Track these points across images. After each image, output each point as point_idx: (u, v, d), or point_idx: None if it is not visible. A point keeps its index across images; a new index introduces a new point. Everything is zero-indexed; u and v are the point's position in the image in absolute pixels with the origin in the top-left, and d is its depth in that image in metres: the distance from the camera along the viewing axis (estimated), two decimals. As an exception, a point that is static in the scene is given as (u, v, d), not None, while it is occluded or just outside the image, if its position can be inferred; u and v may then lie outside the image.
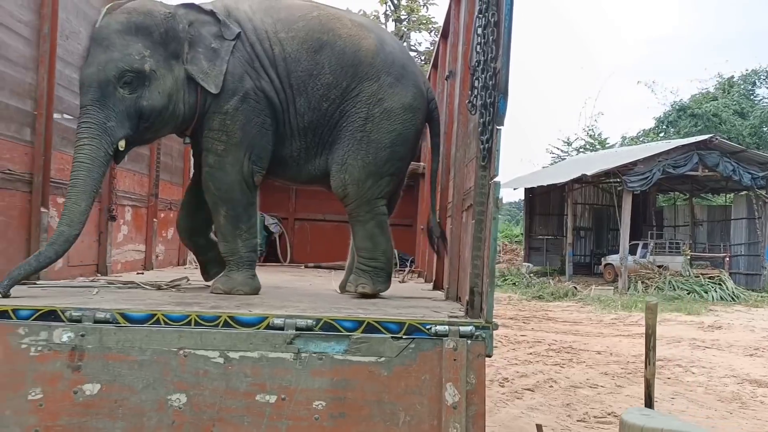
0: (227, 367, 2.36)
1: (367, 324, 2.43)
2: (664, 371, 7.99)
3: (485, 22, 2.57)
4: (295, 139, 3.47)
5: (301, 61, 3.38)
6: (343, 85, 3.40)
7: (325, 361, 2.37)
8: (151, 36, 3.15)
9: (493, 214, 2.46)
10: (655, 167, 17.36)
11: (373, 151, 3.43)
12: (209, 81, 3.25)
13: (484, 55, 2.56)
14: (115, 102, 3.06)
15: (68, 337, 2.37)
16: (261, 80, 3.35)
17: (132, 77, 3.08)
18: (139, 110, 3.13)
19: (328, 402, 2.34)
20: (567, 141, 30.59)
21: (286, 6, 3.52)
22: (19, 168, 3.34)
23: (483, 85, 2.54)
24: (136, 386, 2.34)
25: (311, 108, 3.42)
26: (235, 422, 2.32)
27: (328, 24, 3.44)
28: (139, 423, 2.32)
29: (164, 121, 3.27)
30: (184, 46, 3.24)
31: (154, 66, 3.14)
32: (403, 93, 3.47)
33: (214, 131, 3.33)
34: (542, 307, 14.58)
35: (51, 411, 2.32)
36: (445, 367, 2.35)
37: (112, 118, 3.04)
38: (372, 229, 3.50)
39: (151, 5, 3.25)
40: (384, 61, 3.47)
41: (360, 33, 3.47)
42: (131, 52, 3.09)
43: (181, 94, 3.24)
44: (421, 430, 2.31)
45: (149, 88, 3.14)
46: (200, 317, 2.45)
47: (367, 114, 3.41)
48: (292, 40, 3.40)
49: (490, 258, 2.46)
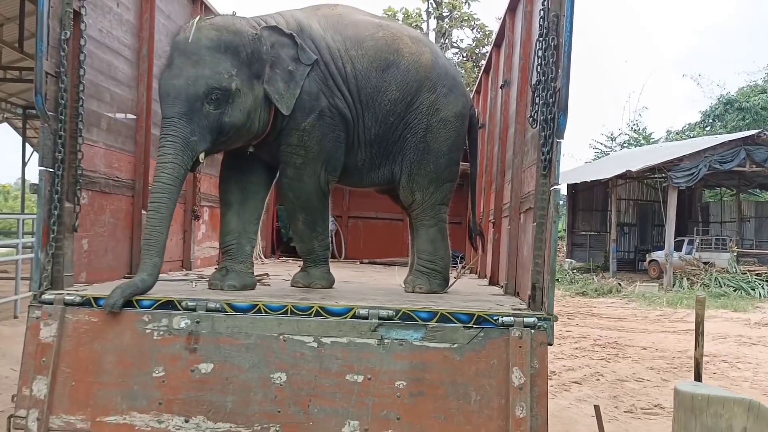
0: (320, 351, 2.73)
1: (441, 315, 2.77)
2: (710, 366, 8.12)
3: (546, 45, 2.87)
4: (361, 150, 3.70)
5: (370, 79, 3.61)
6: (408, 99, 3.66)
7: (405, 347, 2.71)
8: (238, 55, 3.27)
9: (553, 218, 2.77)
10: (701, 163, 17.23)
11: (434, 160, 3.71)
12: (283, 103, 3.39)
13: (544, 75, 2.86)
14: (201, 117, 3.15)
15: (185, 324, 2.77)
16: (335, 97, 3.55)
17: (219, 95, 3.18)
18: (221, 126, 3.24)
19: (408, 382, 2.68)
20: (610, 136, 30.35)
21: (352, 23, 3.73)
22: (125, 175, 3.77)
23: (544, 102, 2.84)
24: (244, 366, 2.72)
25: (378, 122, 3.66)
26: (329, 398, 2.68)
27: (393, 44, 3.68)
28: (246, 397, 2.70)
29: (240, 136, 3.40)
30: (266, 67, 3.37)
31: (239, 85, 3.25)
32: (455, 102, 3.77)
33: (293, 146, 3.53)
34: (586, 303, 14.67)
35: (172, 386, 2.71)
36: (512, 353, 2.66)
37: (196, 133, 3.14)
38: (434, 234, 3.80)
39: (240, 24, 3.38)
40: (439, 74, 3.74)
41: (419, 49, 3.73)
42: (221, 71, 3.19)
43: (258, 112, 3.37)
44: (491, 408, 2.64)
45: (232, 105, 3.24)
46: (295, 307, 2.82)
47: (427, 124, 3.68)
48: (362, 58, 3.62)
49: (551, 257, 2.77)
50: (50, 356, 2.73)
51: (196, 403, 2.70)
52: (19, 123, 19.60)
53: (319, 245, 3.77)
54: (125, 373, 2.73)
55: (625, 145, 29.21)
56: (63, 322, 2.78)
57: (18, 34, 13.28)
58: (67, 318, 2.79)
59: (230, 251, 3.58)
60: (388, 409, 2.65)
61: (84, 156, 3.14)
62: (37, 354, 2.74)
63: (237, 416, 2.68)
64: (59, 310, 2.79)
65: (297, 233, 3.81)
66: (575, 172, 24.17)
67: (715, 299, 14.59)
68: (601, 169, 21.43)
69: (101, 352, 2.76)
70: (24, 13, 12.59)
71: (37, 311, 2.81)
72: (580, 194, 23.48)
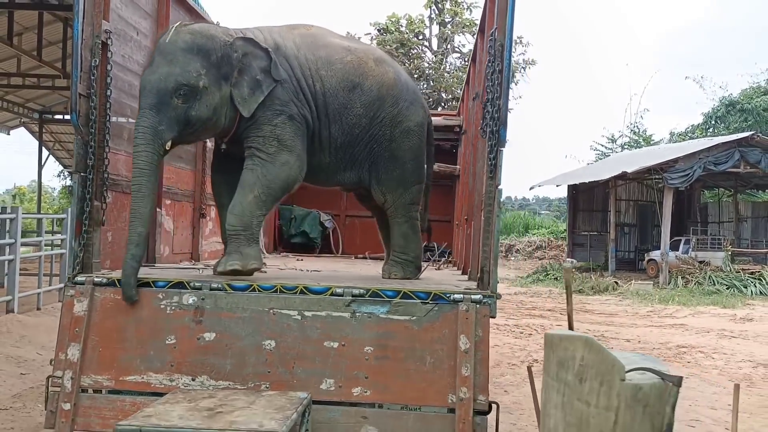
0: (303, 322, 3.31)
1: (403, 293, 3.34)
2: (686, 357, 8.62)
3: (492, 69, 3.43)
4: (326, 154, 4.09)
5: (338, 97, 4.04)
6: (371, 114, 4.09)
7: (373, 319, 3.29)
8: (209, 58, 3.65)
9: (497, 213, 3.35)
10: (695, 164, 17.69)
11: (400, 165, 4.19)
12: (245, 106, 3.74)
13: (491, 94, 3.43)
14: (169, 109, 3.53)
15: (193, 300, 3.36)
16: (303, 108, 3.93)
17: (187, 90, 3.55)
18: (188, 119, 3.61)
19: (375, 348, 3.26)
20: (611, 138, 30.78)
21: (324, 45, 4.13)
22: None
23: (491, 117, 3.41)
24: (240, 334, 3.31)
25: (344, 133, 4.08)
26: (309, 361, 3.26)
27: (360, 68, 4.10)
28: (242, 360, 3.28)
29: (207, 129, 3.79)
30: (234, 71, 3.73)
31: (207, 83, 3.61)
32: (416, 113, 4.26)
33: (265, 137, 3.80)
34: (581, 300, 15.12)
35: (182, 351, 3.31)
36: (460, 324, 3.24)
37: (163, 123, 3.52)
38: (406, 230, 4.29)
39: (214, 31, 3.80)
40: (401, 90, 4.21)
41: (382, 70, 4.18)
42: (190, 69, 3.57)
43: (225, 109, 3.72)
44: (442, 368, 3.21)
45: (199, 101, 3.61)
46: (284, 287, 3.40)
47: (391, 135, 4.14)
48: (331, 78, 4.02)
49: (495, 246, 3.34)
50: (82, 327, 3.32)
51: (201, 365, 3.29)
52: (35, 127, 20.27)
53: (257, 224, 3.86)
54: (143, 340, 3.33)
55: (626, 146, 29.62)
56: (92, 299, 3.37)
57: (36, 43, 13.92)
58: (95, 296, 3.39)
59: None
60: (358, 370, 3.24)
61: (109, 162, 3.73)
62: (71, 325, 3.33)
63: (234, 376, 3.26)
64: (89, 289, 3.39)
65: (241, 205, 3.76)
66: (576, 173, 24.64)
67: (706, 296, 15.04)
68: (601, 171, 21.88)
69: (123, 323, 3.36)
70: (42, 23, 13.24)
71: (71, 290, 3.41)
72: (581, 195, 23.91)
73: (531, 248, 29.85)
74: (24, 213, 8.82)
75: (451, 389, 3.17)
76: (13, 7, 11.39)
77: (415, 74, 21.21)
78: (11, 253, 8.26)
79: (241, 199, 3.75)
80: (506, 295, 15.53)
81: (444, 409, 3.18)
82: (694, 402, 6.18)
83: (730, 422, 2.84)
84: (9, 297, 7.95)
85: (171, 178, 4.76)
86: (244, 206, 3.73)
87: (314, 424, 3.13)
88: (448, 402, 3.17)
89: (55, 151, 22.41)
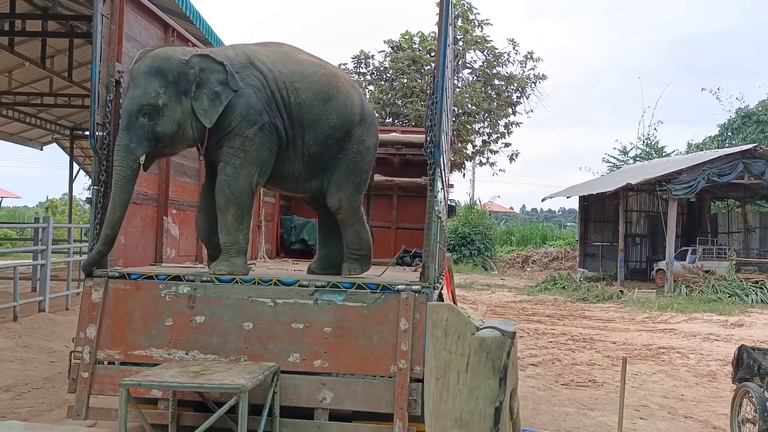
0: (276, 308, 4.06)
1: (357, 285, 4.08)
2: (664, 356, 9.18)
3: (432, 101, 4.17)
4: (298, 162, 4.48)
5: (314, 107, 4.41)
6: (345, 128, 4.52)
7: (332, 305, 4.03)
8: (166, 77, 4.11)
9: (433, 219, 4.07)
10: (699, 176, 18.13)
11: (358, 176, 4.65)
12: (205, 117, 4.16)
13: (430, 121, 4.17)
14: (137, 128, 4.07)
15: (187, 290, 4.13)
16: (275, 118, 4.31)
17: (149, 109, 4.06)
18: (156, 134, 4.11)
19: (333, 328, 3.99)
20: (623, 150, 31.19)
21: (297, 60, 4.52)
22: (151, 191, 5.16)
23: (429, 140, 4.15)
24: (225, 318, 4.07)
25: (318, 142, 4.45)
26: (280, 339, 4.00)
27: (333, 81, 4.52)
28: (226, 338, 4.04)
29: (176, 142, 4.25)
30: (192, 86, 4.15)
31: (166, 101, 4.09)
32: (374, 134, 4.79)
33: (235, 149, 4.24)
34: (583, 307, 15.66)
35: (177, 331, 4.07)
36: (401, 309, 3.96)
37: (134, 141, 4.06)
38: (359, 228, 4.73)
39: (171, 52, 4.25)
40: (365, 111, 4.70)
41: (351, 89, 4.63)
42: (149, 90, 4.06)
43: (189, 122, 4.18)
44: (386, 344, 3.93)
45: (163, 117, 4.10)
46: (261, 280, 4.16)
47: (357, 149, 4.60)
48: (306, 90, 4.40)
49: (432, 245, 4.07)
50: (98, 311, 4.11)
51: (193, 342, 4.05)
52: (66, 143, 21.39)
53: (243, 237, 4.36)
54: (147, 322, 4.10)
55: (637, 158, 30.00)
56: (107, 289, 4.16)
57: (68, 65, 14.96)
58: (109, 286, 4.17)
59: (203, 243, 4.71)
60: (318, 346, 3.97)
61: None
62: (89, 310, 4.12)
63: (219, 350, 4.02)
64: (104, 281, 4.18)
65: (225, 225, 4.30)
66: (586, 185, 25.14)
67: (706, 304, 15.45)
68: (611, 182, 22.38)
69: (131, 308, 4.14)
70: (73, 46, 14.27)
71: (90, 282, 4.20)
72: (592, 206, 24.36)
73: (547, 259, 30.24)
74: (54, 223, 9.74)
75: (392, 361, 3.89)
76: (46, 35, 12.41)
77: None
78: (43, 258, 9.18)
79: (222, 221, 4.32)
80: (511, 303, 16.16)
81: (387, 377, 3.90)
82: (650, 392, 6.80)
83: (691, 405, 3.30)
84: (41, 298, 8.89)
85: (177, 191, 5.55)
86: (227, 226, 4.31)
87: (282, 389, 3.87)
88: (390, 371, 3.88)
89: (85, 165, 23.53)
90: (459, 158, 22.47)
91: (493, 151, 23.50)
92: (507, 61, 23.17)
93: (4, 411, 5.11)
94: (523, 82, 22.96)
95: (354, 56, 22.62)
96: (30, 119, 17.20)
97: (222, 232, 4.36)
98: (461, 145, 22.04)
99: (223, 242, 4.37)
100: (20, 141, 20.03)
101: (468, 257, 27.34)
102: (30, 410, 5.19)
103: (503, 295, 18.20)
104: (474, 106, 21.78)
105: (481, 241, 28.00)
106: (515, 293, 18.75)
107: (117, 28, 4.48)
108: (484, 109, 22.07)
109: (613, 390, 6.66)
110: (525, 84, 23.07)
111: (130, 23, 4.68)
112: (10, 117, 16.67)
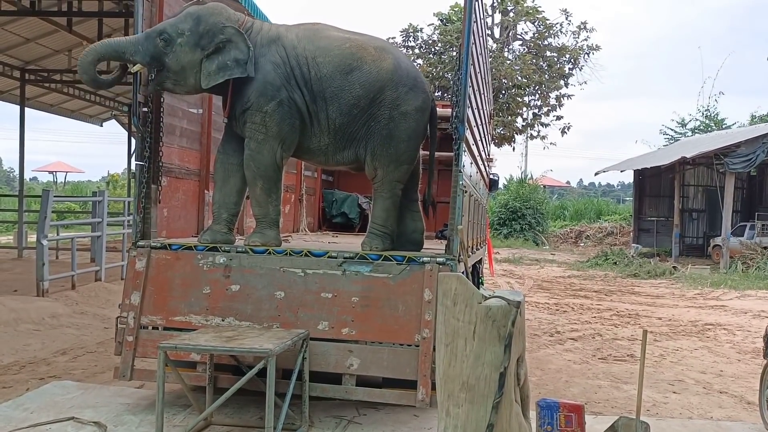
0: (306, 278, 4.24)
1: (384, 257, 4.22)
2: (709, 333, 9.04)
3: (456, 77, 4.24)
4: (324, 136, 4.53)
5: (334, 80, 4.44)
6: (371, 96, 4.44)
7: (359, 276, 4.18)
8: (198, 25, 4.41)
9: (458, 193, 4.16)
10: (758, 149, 17.46)
11: (395, 144, 4.49)
12: (206, 78, 4.42)
13: (455, 97, 4.23)
14: (152, 44, 4.39)
15: (223, 260, 4.35)
16: (294, 93, 4.44)
17: (166, 37, 4.38)
18: (161, 59, 4.40)
19: (360, 298, 4.15)
20: (681, 122, 30.20)
21: (325, 36, 4.58)
22: (193, 166, 5.40)
23: (455, 116, 4.22)
24: (258, 286, 4.27)
25: (342, 113, 4.46)
26: (309, 307, 4.19)
27: (357, 53, 4.49)
28: (259, 306, 4.25)
29: (178, 81, 4.48)
30: (211, 47, 4.41)
31: (183, 42, 4.39)
32: (415, 98, 4.53)
33: (257, 124, 4.42)
34: (633, 283, 15.40)
35: (214, 298, 4.31)
36: (425, 280, 4.08)
37: (141, 46, 4.38)
38: (389, 205, 4.61)
39: (219, 10, 4.50)
40: (400, 75, 4.51)
41: (381, 56, 4.52)
42: (179, 26, 4.40)
43: (194, 72, 4.43)
44: (410, 314, 4.07)
45: (174, 51, 4.39)
46: (292, 251, 4.35)
47: (390, 116, 4.47)
48: (328, 64, 4.46)
49: (457, 219, 4.16)
50: (141, 279, 4.37)
51: (228, 309, 4.28)
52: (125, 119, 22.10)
53: (273, 209, 4.55)
54: (186, 290, 4.34)
55: (696, 131, 29.03)
56: (150, 258, 4.42)
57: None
58: (152, 256, 4.43)
59: (214, 216, 4.69)
60: (346, 315, 4.14)
61: (163, 153, 4.76)
62: (133, 278, 4.39)
63: (253, 318, 4.24)
64: (147, 251, 4.43)
65: (255, 198, 4.57)
66: (641, 159, 24.52)
67: (762, 281, 14.99)
68: (667, 156, 21.79)
69: (172, 277, 4.39)
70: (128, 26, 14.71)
71: (134, 252, 4.47)
72: (647, 180, 23.75)
73: (601, 234, 29.70)
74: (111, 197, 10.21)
75: (416, 330, 4.03)
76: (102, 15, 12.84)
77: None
78: (98, 230, 9.66)
79: (252, 194, 4.59)
80: (559, 278, 16.04)
81: (411, 346, 4.04)
82: (688, 368, 6.75)
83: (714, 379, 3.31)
84: (97, 267, 9.39)
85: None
86: (257, 199, 4.57)
87: (312, 355, 4.06)
88: (414, 340, 4.03)
89: (142, 141, 24.33)
90: (509, 131, 22.25)
91: (544, 124, 23.16)
92: (559, 32, 22.70)
93: (60, 372, 5.51)
94: (576, 53, 22.48)
95: (402, 29, 22.53)
96: (90, 96, 17.81)
97: (253, 205, 4.61)
98: (511, 119, 21.80)
99: (255, 214, 4.63)
100: (81, 117, 20.74)
101: (519, 232, 27.09)
102: (84, 372, 5.57)
103: (552, 270, 18.06)
104: (524, 79, 21.44)
105: (533, 215, 27.62)
106: (565, 268, 18.57)
107: (158, 10, 4.69)
108: (534, 81, 21.72)
109: (650, 364, 6.64)
110: (578, 55, 22.57)
111: (170, 5, 4.87)
112: (71, 94, 17.30)
